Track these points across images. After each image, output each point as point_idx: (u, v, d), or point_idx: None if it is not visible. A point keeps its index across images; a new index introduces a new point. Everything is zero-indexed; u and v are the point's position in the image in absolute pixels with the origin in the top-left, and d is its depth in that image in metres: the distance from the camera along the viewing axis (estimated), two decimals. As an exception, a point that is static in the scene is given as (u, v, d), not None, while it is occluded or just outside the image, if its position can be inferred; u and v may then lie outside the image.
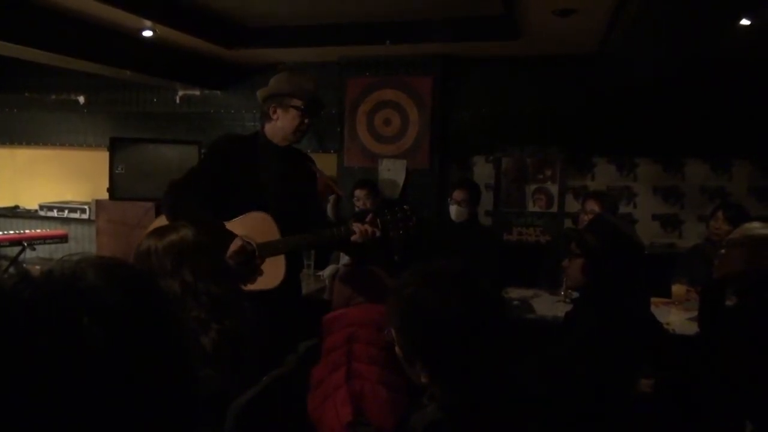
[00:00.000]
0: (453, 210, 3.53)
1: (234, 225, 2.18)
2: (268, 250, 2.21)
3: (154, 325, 0.57)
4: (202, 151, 3.24)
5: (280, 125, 2.31)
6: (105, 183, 4.19)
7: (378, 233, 2.26)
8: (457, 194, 3.53)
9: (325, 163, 4.42)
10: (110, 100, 4.92)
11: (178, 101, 4.80)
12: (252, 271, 2.16)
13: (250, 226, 2.20)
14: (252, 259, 2.16)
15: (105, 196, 4.20)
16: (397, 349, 1.11)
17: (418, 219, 2.38)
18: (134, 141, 4.32)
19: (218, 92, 4.72)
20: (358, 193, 3.85)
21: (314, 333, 2.20)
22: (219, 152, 2.31)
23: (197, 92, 4.77)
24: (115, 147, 4.17)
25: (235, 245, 2.12)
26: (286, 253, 2.23)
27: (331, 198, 4.23)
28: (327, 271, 3.39)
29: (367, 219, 2.29)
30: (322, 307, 2.49)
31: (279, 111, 2.30)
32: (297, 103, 2.30)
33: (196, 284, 1.51)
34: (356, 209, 3.81)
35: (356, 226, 2.25)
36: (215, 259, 1.61)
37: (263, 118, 2.37)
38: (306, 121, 2.31)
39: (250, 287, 2.12)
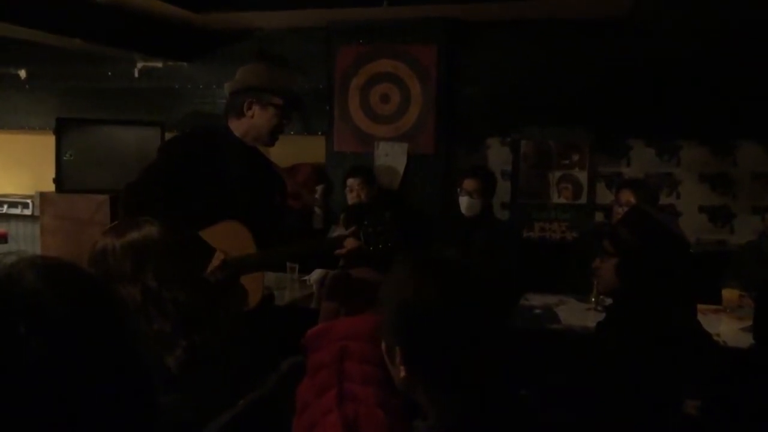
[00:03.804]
0: (463, 202, 3.53)
1: (204, 236, 2.19)
2: (246, 265, 2.23)
3: (106, 338, 0.56)
4: (162, 143, 3.25)
5: (256, 124, 2.37)
6: (51, 172, 4.17)
7: (363, 247, 2.34)
8: (468, 184, 3.53)
9: (312, 148, 4.42)
10: (56, 75, 4.89)
11: (136, 75, 4.78)
12: (229, 290, 2.18)
13: (222, 238, 2.21)
14: (231, 276, 2.18)
15: (51, 188, 4.18)
16: (383, 344, 1.15)
17: (405, 228, 2.48)
18: (85, 122, 4.31)
19: (184, 64, 4.70)
20: (350, 182, 3.84)
21: (299, 348, 2.20)
22: (179, 152, 2.33)
23: (159, 64, 4.74)
24: (62, 129, 4.16)
25: (217, 260, 2.13)
26: (264, 269, 2.28)
27: (319, 188, 4.23)
28: (314, 276, 3.39)
29: (349, 232, 2.37)
30: (309, 318, 2.48)
31: (256, 108, 2.35)
32: (277, 101, 2.35)
33: (160, 291, 1.50)
34: (349, 201, 3.80)
35: (348, 241, 2.33)
36: (185, 262, 1.60)
37: (231, 112, 2.40)
38: (284, 122, 2.39)
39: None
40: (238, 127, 2.38)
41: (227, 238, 2.22)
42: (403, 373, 1.11)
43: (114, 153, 4.13)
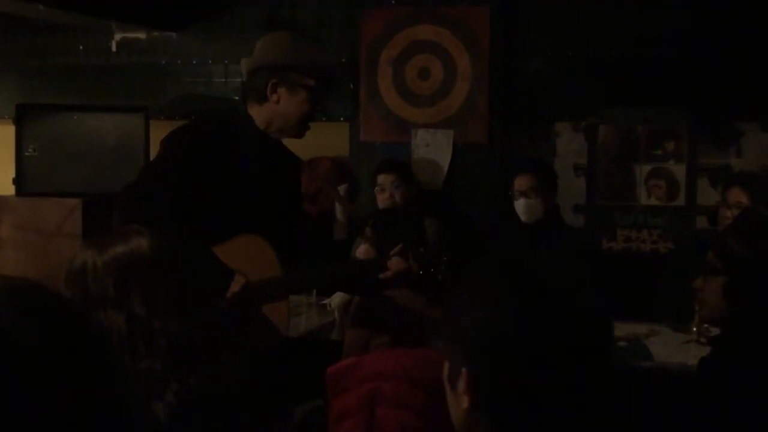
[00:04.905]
0: (520, 206, 3.53)
1: (218, 254, 2.22)
2: (271, 291, 2.26)
3: (79, 377, 0.58)
4: (168, 135, 3.24)
5: (283, 111, 2.39)
6: (10, 171, 4.25)
7: (414, 270, 2.35)
8: (521, 182, 3.53)
9: (332, 138, 4.43)
10: (15, 50, 4.98)
11: (114, 49, 4.85)
12: (250, 323, 2.20)
13: (240, 256, 2.24)
14: (252, 304, 2.22)
15: (10, 190, 4.26)
16: (445, 365, 1.15)
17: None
18: (51, 109, 4.37)
19: (172, 34, 4.76)
20: (382, 179, 3.85)
21: (318, 391, 2.21)
22: (191, 146, 2.35)
23: (142, 35, 4.81)
24: (23, 118, 4.23)
25: (237, 284, 2.16)
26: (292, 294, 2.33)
27: (341, 188, 4.24)
28: (335, 300, 3.41)
29: (394, 252, 2.38)
30: (330, 352, 2.50)
31: (282, 91, 2.37)
32: (309, 81, 2.37)
33: (149, 320, 1.52)
34: (379, 204, 3.81)
35: (393, 263, 2.36)
36: (182, 284, 1.62)
37: (251, 97, 2.42)
38: (317, 108, 2.42)
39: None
40: (259, 114, 2.40)
41: (247, 257, 2.24)
42: (465, 404, 1.10)
43: (87, 147, 4.19)
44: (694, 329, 3.15)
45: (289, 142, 2.63)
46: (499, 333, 1.07)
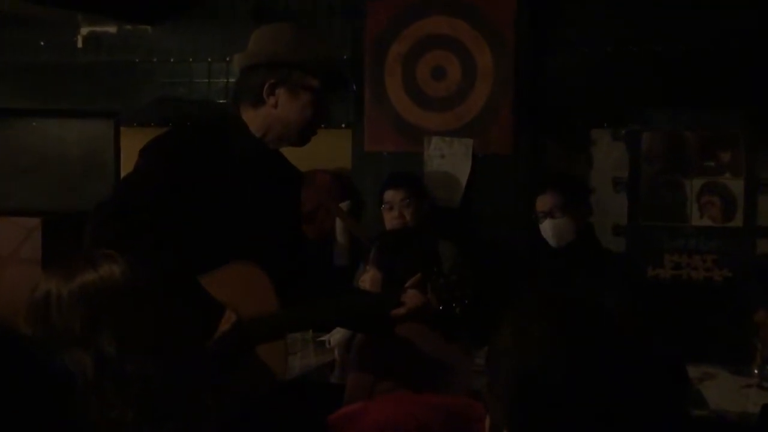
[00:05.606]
0: (546, 228, 3.53)
1: (206, 285, 2.22)
2: (267, 329, 2.26)
3: (37, 428, 0.58)
4: (148, 144, 3.22)
5: (282, 116, 2.39)
6: (-42, 187, 4.27)
7: (439, 306, 2.37)
8: (542, 202, 3.54)
9: (332, 148, 4.43)
10: (-33, 46, 5.03)
11: (80, 44, 4.88)
12: (239, 365, 2.21)
13: (231, 288, 2.24)
14: (243, 345, 2.23)
15: (-42, 208, 4.29)
16: (487, 419, 1.14)
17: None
18: (6, 114, 4.40)
19: (148, 28, 4.78)
20: (389, 196, 3.86)
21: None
22: (174, 157, 2.35)
23: (112, 29, 4.83)
24: (-26, 125, 4.26)
25: (227, 322, 2.16)
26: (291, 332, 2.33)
27: (343, 206, 4.24)
28: (335, 336, 3.41)
29: (410, 284, 2.40)
30: (330, 397, 2.50)
31: (282, 92, 2.38)
32: (313, 81, 2.37)
33: (121, 361, 1.53)
34: (387, 225, 3.81)
35: (409, 296, 2.37)
36: (161, 319, 1.63)
37: (245, 99, 2.43)
38: (322, 112, 2.44)
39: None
40: (254, 120, 2.40)
41: (239, 288, 2.24)
42: None
43: (49, 157, 4.21)
44: (756, 371, 3.15)
45: (283, 152, 2.64)
46: (547, 388, 1.04)
